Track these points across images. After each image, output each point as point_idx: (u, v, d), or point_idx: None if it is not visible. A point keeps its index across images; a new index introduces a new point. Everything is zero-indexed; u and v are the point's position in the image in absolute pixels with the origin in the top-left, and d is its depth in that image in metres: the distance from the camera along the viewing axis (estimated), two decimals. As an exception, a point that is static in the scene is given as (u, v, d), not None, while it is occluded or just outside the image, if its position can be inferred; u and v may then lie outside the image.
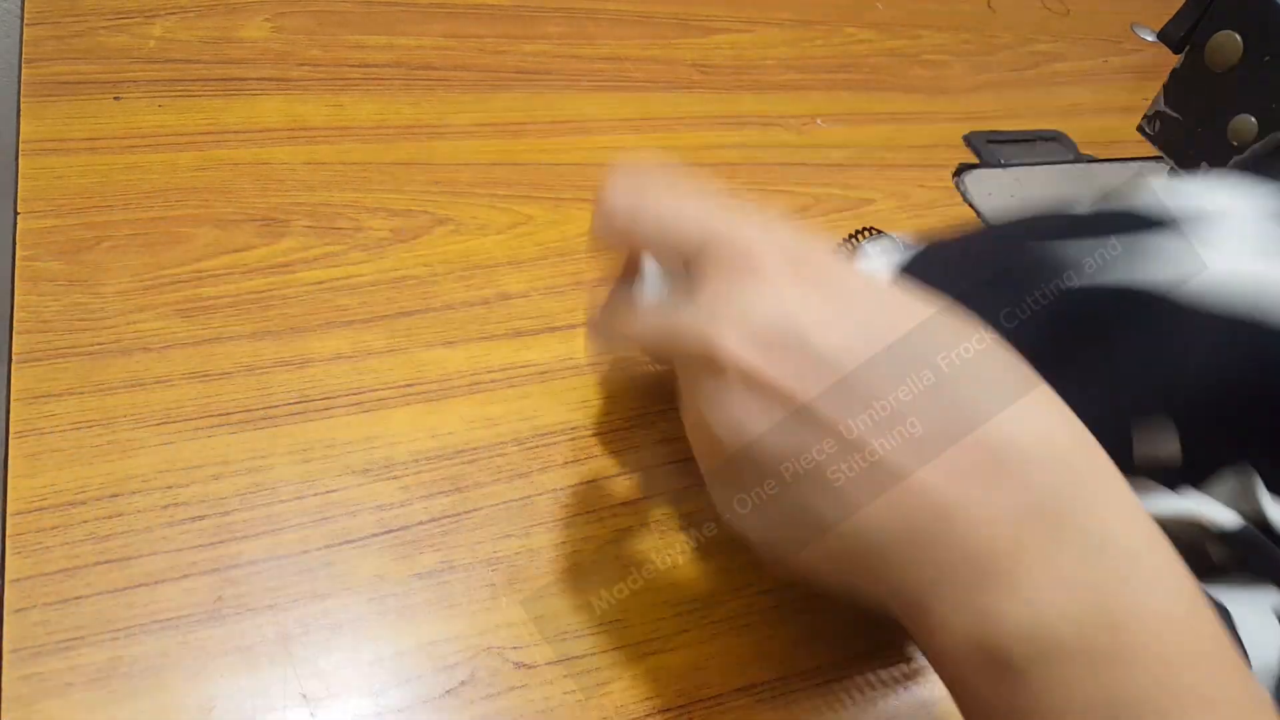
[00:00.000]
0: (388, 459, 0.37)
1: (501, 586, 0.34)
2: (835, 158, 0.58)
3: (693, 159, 0.55)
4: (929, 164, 0.60)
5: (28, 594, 0.31)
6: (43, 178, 0.43)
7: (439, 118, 0.53)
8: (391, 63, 0.55)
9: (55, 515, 0.33)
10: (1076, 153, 0.64)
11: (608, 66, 0.60)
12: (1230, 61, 0.45)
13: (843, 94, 0.63)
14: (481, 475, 0.37)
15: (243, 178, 0.46)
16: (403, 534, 0.35)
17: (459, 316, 0.43)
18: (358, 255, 0.44)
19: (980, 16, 0.76)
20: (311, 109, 0.51)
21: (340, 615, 0.32)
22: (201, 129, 0.48)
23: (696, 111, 0.58)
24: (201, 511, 0.34)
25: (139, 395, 0.37)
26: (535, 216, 0.49)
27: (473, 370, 0.41)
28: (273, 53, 0.53)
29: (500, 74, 0.57)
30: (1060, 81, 0.72)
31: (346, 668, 0.31)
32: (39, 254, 0.40)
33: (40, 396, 0.36)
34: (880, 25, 0.71)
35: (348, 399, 0.38)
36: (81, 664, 0.29)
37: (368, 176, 0.48)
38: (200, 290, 0.41)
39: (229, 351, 0.39)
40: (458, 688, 0.31)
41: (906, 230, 0.54)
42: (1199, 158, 0.48)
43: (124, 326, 0.39)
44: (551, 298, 0.45)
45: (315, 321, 0.41)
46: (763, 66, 0.64)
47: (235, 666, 0.30)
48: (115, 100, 0.48)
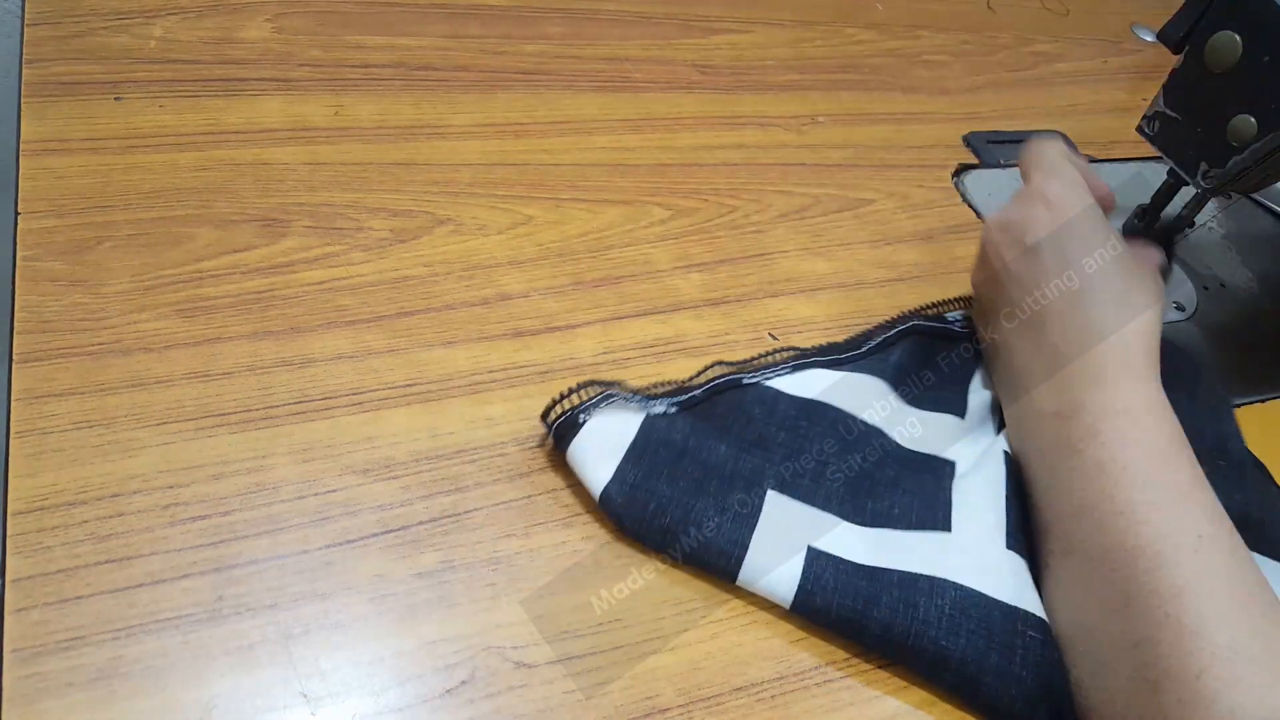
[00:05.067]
0: (388, 459, 0.37)
1: (501, 586, 0.34)
2: (834, 158, 0.58)
3: (692, 159, 0.55)
4: (928, 164, 0.60)
5: (28, 594, 0.31)
6: (43, 178, 0.43)
7: (439, 118, 0.53)
8: (392, 63, 0.55)
9: (55, 515, 0.33)
10: (1076, 153, 0.64)
11: (608, 66, 0.60)
12: (1230, 61, 0.45)
13: (842, 94, 0.64)
14: (481, 475, 0.37)
15: (243, 178, 0.46)
16: (403, 534, 0.35)
17: (459, 316, 0.43)
18: (358, 255, 0.44)
19: (980, 16, 0.76)
20: (312, 109, 0.51)
21: (340, 615, 0.32)
22: (202, 129, 0.48)
23: (696, 111, 0.58)
24: (202, 511, 0.34)
25: (139, 395, 0.37)
26: (535, 216, 0.49)
27: (473, 370, 0.41)
28: (273, 53, 0.53)
29: (500, 74, 0.57)
30: (1059, 82, 0.72)
31: (346, 667, 0.31)
32: (40, 254, 0.40)
33: (41, 396, 0.36)
34: (880, 25, 0.71)
35: (348, 399, 0.38)
36: (81, 664, 0.30)
37: (368, 177, 0.48)
38: (201, 290, 0.41)
39: (229, 351, 0.39)
40: (458, 688, 0.31)
41: (905, 230, 0.54)
42: (1198, 158, 0.48)
43: (124, 326, 0.39)
44: (551, 298, 0.45)
45: (316, 321, 0.41)
46: (763, 66, 0.64)
47: (235, 666, 0.30)
48: (116, 100, 0.48)
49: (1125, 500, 0.34)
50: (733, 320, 0.46)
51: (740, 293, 0.48)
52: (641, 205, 0.51)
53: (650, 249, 0.49)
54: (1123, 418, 0.35)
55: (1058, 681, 0.34)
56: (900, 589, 0.35)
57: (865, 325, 0.48)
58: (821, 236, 0.52)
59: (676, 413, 0.40)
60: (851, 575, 0.35)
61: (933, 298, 0.50)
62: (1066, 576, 0.35)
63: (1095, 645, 0.33)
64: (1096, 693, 0.33)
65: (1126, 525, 0.33)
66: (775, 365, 0.43)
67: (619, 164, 0.53)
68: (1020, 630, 0.34)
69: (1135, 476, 0.34)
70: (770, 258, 0.50)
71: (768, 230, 0.52)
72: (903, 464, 0.40)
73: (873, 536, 0.37)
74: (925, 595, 0.35)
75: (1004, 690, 0.33)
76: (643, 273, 0.47)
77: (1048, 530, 0.37)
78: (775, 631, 0.35)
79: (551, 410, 0.38)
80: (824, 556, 0.36)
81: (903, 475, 0.40)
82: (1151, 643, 0.31)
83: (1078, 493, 0.35)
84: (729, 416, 0.40)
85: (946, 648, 0.33)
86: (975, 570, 0.35)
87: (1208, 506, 0.34)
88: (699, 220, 0.51)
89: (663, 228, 0.50)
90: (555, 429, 0.37)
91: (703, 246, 0.50)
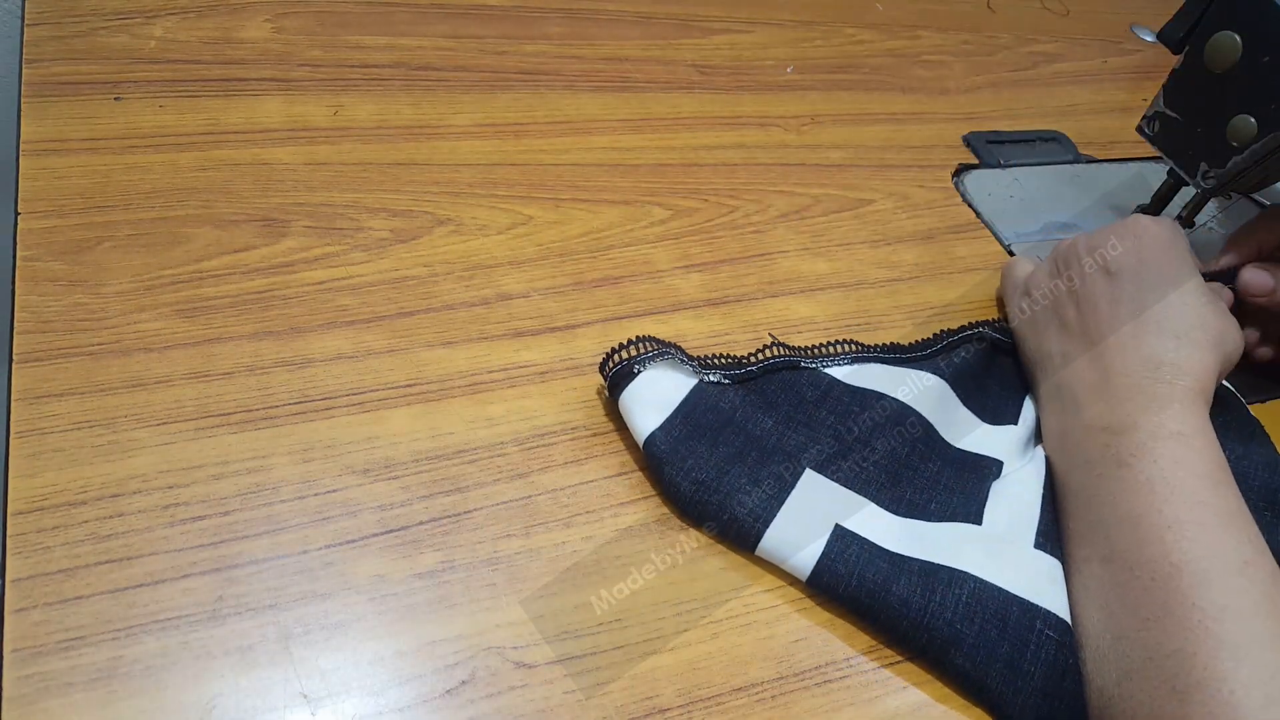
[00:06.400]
0: (388, 459, 0.37)
1: (501, 586, 0.34)
2: (834, 158, 0.58)
3: (692, 159, 0.55)
4: (928, 164, 0.60)
5: (28, 594, 0.31)
6: (43, 178, 0.43)
7: (439, 118, 0.53)
8: (392, 63, 0.55)
9: (56, 515, 0.33)
10: (1076, 153, 0.64)
11: (608, 67, 0.60)
12: (1230, 62, 0.45)
13: (842, 94, 0.64)
14: (481, 475, 0.37)
15: (243, 178, 0.46)
16: (403, 534, 0.35)
17: (459, 316, 0.43)
18: (358, 255, 0.44)
19: (980, 17, 0.76)
20: (312, 109, 0.51)
21: (340, 615, 0.32)
22: (202, 129, 0.48)
23: (696, 112, 0.58)
24: (202, 511, 0.34)
25: (139, 395, 0.37)
26: (535, 216, 0.49)
27: (473, 370, 0.41)
28: (273, 53, 0.53)
29: (500, 74, 0.57)
30: (1059, 82, 0.72)
31: (346, 667, 0.31)
32: (40, 254, 0.40)
33: (41, 396, 0.36)
34: (880, 25, 0.71)
35: (348, 399, 0.38)
36: (81, 664, 0.30)
37: (368, 177, 0.48)
38: (201, 290, 0.41)
39: (229, 351, 0.39)
40: (458, 688, 0.31)
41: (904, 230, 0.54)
42: (1198, 158, 0.48)
43: (124, 326, 0.39)
44: (551, 298, 0.45)
45: (316, 322, 0.41)
46: (763, 67, 0.64)
47: (235, 666, 0.30)
48: (116, 100, 0.48)
49: (1174, 517, 0.34)
50: (733, 320, 0.46)
51: (740, 293, 0.48)
52: (641, 205, 0.51)
53: (650, 249, 0.49)
54: (1176, 440, 0.36)
55: (1067, 685, 0.34)
56: (920, 576, 0.35)
57: (865, 325, 0.48)
58: (821, 236, 0.52)
59: (729, 384, 0.41)
60: (875, 556, 0.36)
61: (933, 298, 0.50)
62: (1101, 583, 0.36)
63: (1126, 652, 0.33)
64: (1122, 700, 0.33)
65: (1174, 540, 0.34)
66: (835, 355, 0.43)
67: (619, 164, 0.53)
68: (1038, 628, 0.34)
69: (1185, 496, 0.35)
70: (770, 258, 0.50)
71: (768, 230, 0.52)
72: (948, 463, 0.41)
73: (900, 526, 0.37)
74: (944, 584, 0.35)
75: (1009, 682, 0.33)
76: (643, 273, 0.47)
77: (1082, 537, 0.37)
78: (775, 631, 0.35)
79: (610, 360, 0.39)
80: (849, 535, 0.36)
81: (945, 472, 0.40)
82: (1187, 654, 0.31)
83: (1124, 504, 0.36)
84: (780, 394, 0.41)
85: (961, 631, 0.34)
86: (998, 565, 0.36)
87: (1252, 536, 0.34)
88: (699, 220, 0.51)
89: (663, 228, 0.50)
90: (611, 376, 0.39)
91: (703, 246, 0.50)
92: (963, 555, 0.36)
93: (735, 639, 0.35)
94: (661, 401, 0.38)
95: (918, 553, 0.36)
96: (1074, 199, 0.60)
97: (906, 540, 0.37)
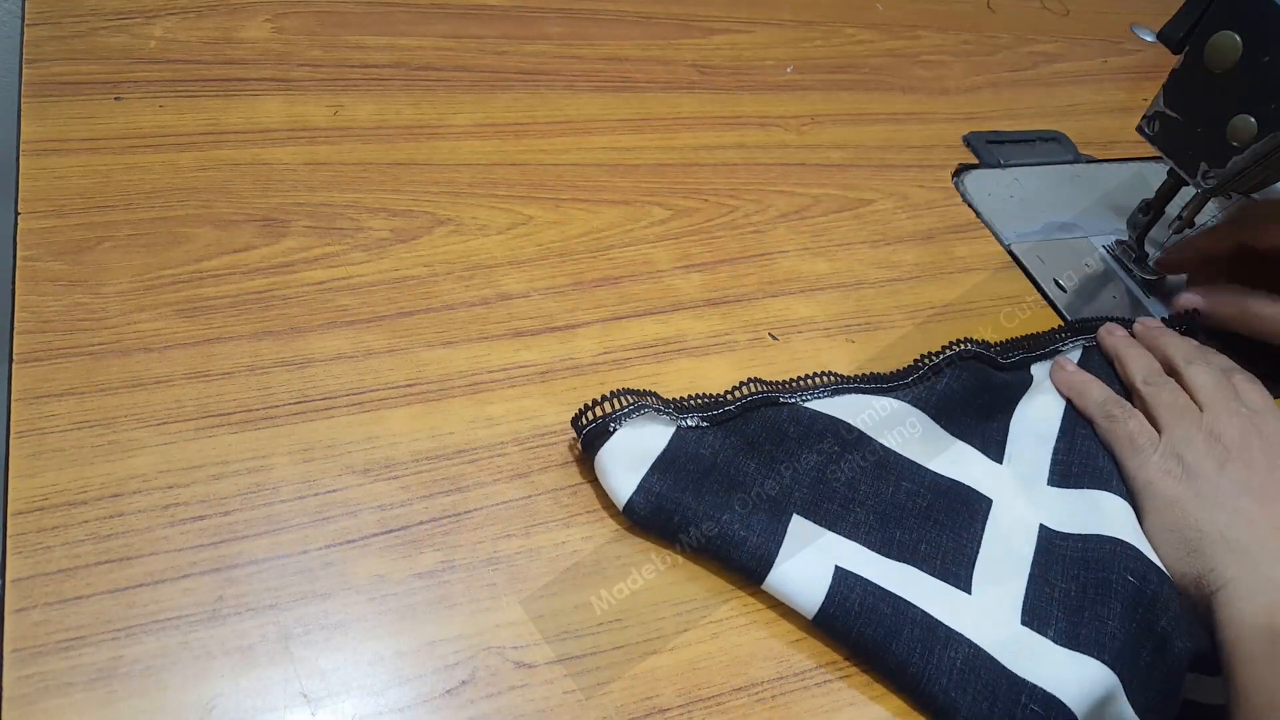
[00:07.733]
0: (388, 459, 0.37)
1: (501, 586, 0.34)
2: (834, 158, 0.58)
3: (692, 159, 0.55)
4: (928, 164, 0.60)
5: (28, 594, 0.31)
6: (43, 178, 0.43)
7: (439, 118, 0.53)
8: (392, 63, 0.55)
9: (55, 515, 0.33)
10: (1076, 153, 0.64)
11: (608, 67, 0.60)
12: (1230, 62, 0.45)
13: (842, 94, 0.64)
14: (481, 475, 0.37)
15: (243, 178, 0.46)
16: (403, 534, 0.35)
17: (459, 316, 0.43)
18: (358, 255, 0.44)
19: (980, 17, 0.76)
20: (312, 109, 0.51)
21: (340, 615, 0.32)
22: (202, 129, 0.48)
23: (696, 112, 0.58)
24: (202, 511, 0.34)
25: (139, 395, 0.37)
26: (535, 216, 0.49)
27: (473, 370, 0.41)
28: (273, 53, 0.53)
29: (500, 74, 0.57)
30: (1059, 82, 0.72)
31: (347, 667, 0.31)
32: (40, 254, 0.40)
33: (41, 396, 0.36)
34: (880, 25, 0.71)
35: (348, 399, 0.38)
36: (81, 664, 0.30)
37: (368, 177, 0.48)
38: (201, 290, 0.41)
39: (229, 351, 0.39)
40: (458, 688, 0.31)
41: (903, 229, 0.54)
42: (1198, 158, 0.48)
43: (124, 326, 0.39)
44: (551, 298, 0.45)
45: (316, 322, 0.41)
46: (763, 67, 0.64)
47: (235, 666, 0.30)
48: (116, 100, 0.48)
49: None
50: (733, 320, 0.46)
51: (740, 293, 0.48)
52: (641, 205, 0.51)
53: (650, 249, 0.49)
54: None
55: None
56: (921, 629, 0.35)
57: (865, 325, 0.48)
58: (821, 236, 0.52)
59: (708, 427, 0.40)
60: (878, 600, 0.35)
61: (933, 298, 0.50)
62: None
63: None
64: None
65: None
66: (814, 388, 0.42)
67: (619, 164, 0.53)
68: (1023, 703, 0.34)
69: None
70: (770, 258, 0.50)
71: (768, 230, 0.52)
72: (937, 493, 0.40)
73: (896, 570, 0.37)
74: (942, 644, 0.35)
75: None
76: (643, 273, 0.47)
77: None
78: (775, 631, 0.35)
79: (583, 416, 0.38)
80: (851, 577, 0.36)
81: (935, 504, 0.40)
82: None
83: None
84: (761, 433, 0.40)
85: (955, 700, 0.34)
86: (989, 636, 0.36)
87: None
88: (699, 220, 0.51)
89: (663, 228, 0.50)
90: (585, 435, 0.37)
91: (703, 246, 0.50)
92: (958, 617, 0.36)
93: (735, 639, 0.35)
94: (638, 459, 0.37)
95: (917, 599, 0.36)
96: (1074, 199, 0.60)
97: (905, 585, 0.37)
